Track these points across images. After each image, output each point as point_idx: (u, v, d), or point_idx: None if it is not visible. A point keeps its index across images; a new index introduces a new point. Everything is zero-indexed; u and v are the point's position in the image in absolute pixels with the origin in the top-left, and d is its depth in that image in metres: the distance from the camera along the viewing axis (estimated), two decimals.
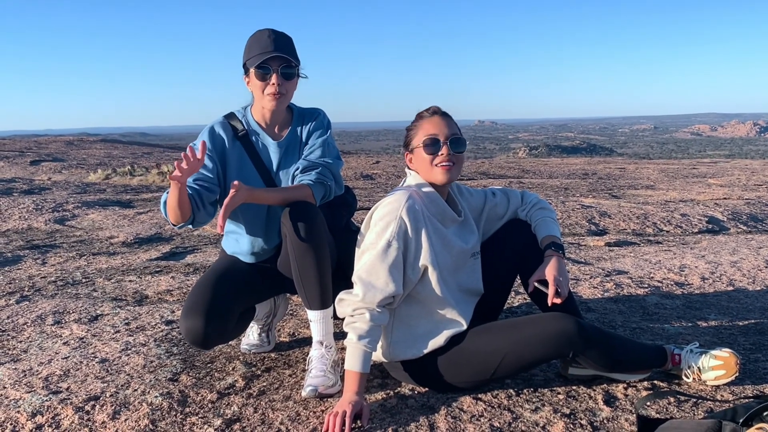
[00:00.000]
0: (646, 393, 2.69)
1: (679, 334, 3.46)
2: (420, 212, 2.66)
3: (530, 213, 2.96)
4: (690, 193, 10.60)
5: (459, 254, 2.77)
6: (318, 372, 2.79)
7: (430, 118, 2.73)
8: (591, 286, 4.40)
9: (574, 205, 8.42)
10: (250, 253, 3.04)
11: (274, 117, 3.01)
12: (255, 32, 2.94)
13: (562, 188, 11.59)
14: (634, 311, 3.87)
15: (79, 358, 3.25)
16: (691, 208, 8.50)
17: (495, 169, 17.09)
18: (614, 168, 17.71)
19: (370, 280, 2.58)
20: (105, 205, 9.32)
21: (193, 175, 2.87)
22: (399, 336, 2.73)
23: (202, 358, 3.20)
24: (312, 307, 2.84)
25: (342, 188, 3.09)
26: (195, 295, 2.81)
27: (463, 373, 2.68)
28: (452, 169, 2.69)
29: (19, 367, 3.17)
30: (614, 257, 5.58)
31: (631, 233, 7.19)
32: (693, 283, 4.54)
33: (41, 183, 12.99)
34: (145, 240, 6.84)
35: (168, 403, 2.71)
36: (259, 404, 2.70)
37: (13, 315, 4.06)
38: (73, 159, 19.61)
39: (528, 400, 2.67)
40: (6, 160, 18.43)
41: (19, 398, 2.79)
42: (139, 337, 3.53)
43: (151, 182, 13.85)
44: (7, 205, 8.83)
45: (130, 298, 4.42)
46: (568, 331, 2.53)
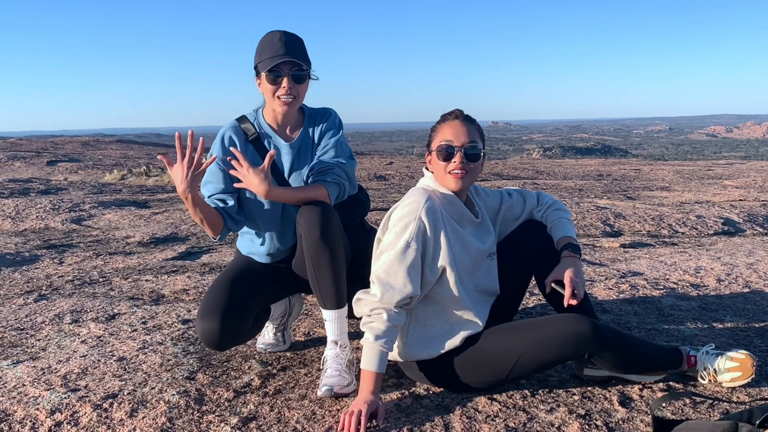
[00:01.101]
0: (661, 394, 2.69)
1: (695, 335, 3.45)
2: (439, 213, 2.66)
3: (546, 214, 2.97)
4: (705, 195, 10.54)
5: (476, 255, 2.77)
6: (333, 371, 2.80)
7: (450, 122, 2.72)
8: (606, 288, 4.39)
9: (588, 207, 8.39)
10: (265, 254, 3.06)
11: (286, 118, 3.03)
12: (266, 34, 2.95)
13: (577, 189, 11.55)
14: (650, 313, 3.86)
15: (97, 356, 3.28)
16: (707, 209, 8.45)
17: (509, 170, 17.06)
18: (629, 169, 17.63)
19: (388, 280, 2.59)
20: (121, 206, 9.38)
21: (208, 192, 2.94)
22: (415, 336, 2.73)
23: (219, 357, 3.23)
24: (327, 306, 2.85)
25: (356, 188, 3.10)
26: (211, 297, 2.83)
27: (479, 374, 2.68)
28: (464, 177, 2.69)
29: (37, 365, 3.20)
30: (629, 259, 5.56)
31: (647, 235, 7.16)
32: (709, 284, 4.52)
33: (58, 183, 13.10)
34: (161, 240, 6.89)
35: (185, 401, 2.74)
36: (275, 403, 2.72)
37: (31, 314, 4.10)
38: (89, 159, 19.73)
39: (543, 401, 2.67)
40: (23, 161, 18.57)
41: (39, 396, 2.83)
42: (156, 336, 3.56)
43: (167, 182, 13.92)
44: (24, 205, 8.90)
45: (147, 297, 4.45)
46: (583, 333, 2.53)
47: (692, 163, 22.10)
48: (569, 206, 8.32)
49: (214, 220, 2.88)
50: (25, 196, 10.36)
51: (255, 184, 2.76)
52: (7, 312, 4.18)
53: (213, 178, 2.96)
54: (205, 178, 2.97)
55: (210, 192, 2.95)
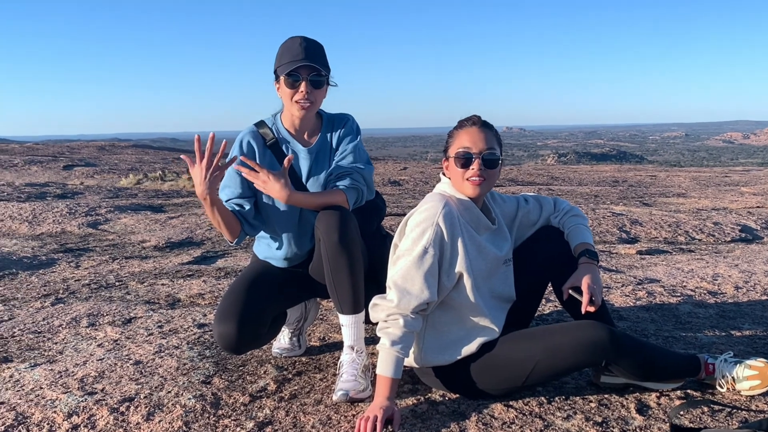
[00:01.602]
0: (679, 402, 2.67)
1: (713, 343, 3.42)
2: (456, 219, 2.66)
3: (563, 220, 2.95)
4: (722, 202, 10.48)
5: (493, 261, 2.76)
6: (349, 377, 2.80)
7: (468, 128, 2.70)
8: (623, 294, 4.37)
9: (604, 213, 8.36)
10: (282, 258, 3.07)
11: (304, 124, 3.04)
12: (287, 39, 2.97)
13: (592, 196, 11.51)
14: (667, 320, 3.84)
15: (114, 359, 3.30)
16: (724, 216, 8.40)
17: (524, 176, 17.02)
18: (645, 175, 17.55)
19: (405, 286, 2.59)
20: (137, 210, 9.44)
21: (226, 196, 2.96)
22: (431, 342, 2.73)
23: (234, 361, 3.23)
24: (344, 311, 2.85)
25: (373, 193, 3.11)
26: (228, 301, 2.84)
27: (495, 380, 2.67)
28: (482, 184, 2.68)
29: (55, 368, 3.22)
30: (646, 265, 5.53)
31: (663, 241, 7.12)
32: (726, 292, 4.49)
33: (74, 187, 13.19)
34: (177, 244, 6.92)
35: (201, 405, 2.74)
36: (291, 408, 2.72)
37: (48, 317, 4.13)
38: (105, 164, 19.86)
39: (560, 408, 2.66)
40: (40, 165, 18.72)
41: (56, 398, 2.84)
42: (172, 340, 3.57)
43: (182, 187, 13.99)
44: (41, 209, 8.97)
45: (163, 302, 4.47)
46: (600, 340, 2.52)
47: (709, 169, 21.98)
48: (585, 212, 8.29)
49: (231, 224, 2.91)
50: (42, 200, 10.44)
51: (276, 189, 2.77)
52: (24, 315, 4.21)
53: (230, 182, 2.97)
54: (223, 182, 2.99)
55: (228, 196, 2.96)
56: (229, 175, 2.97)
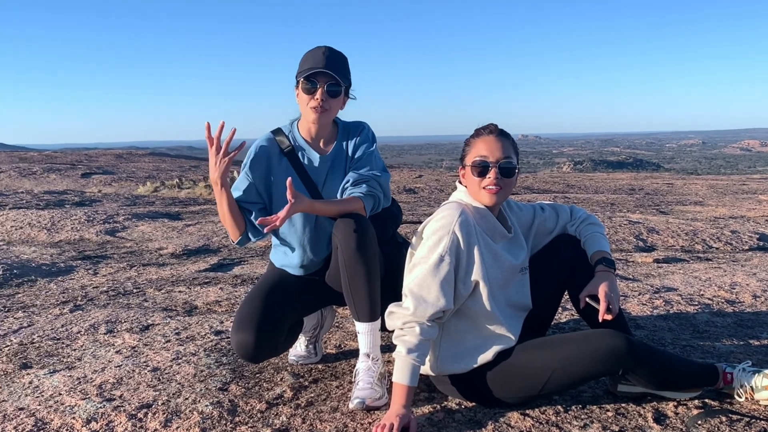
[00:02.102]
0: (697, 412, 2.65)
1: (731, 352, 3.40)
2: (472, 227, 2.66)
3: (579, 228, 2.95)
4: (740, 210, 10.40)
5: (509, 269, 2.77)
6: (365, 384, 2.80)
7: (485, 137, 2.71)
8: (640, 303, 4.35)
9: (621, 221, 8.32)
10: (299, 266, 3.08)
11: (320, 131, 3.06)
12: (312, 48, 3.00)
13: (609, 204, 11.47)
14: (684, 329, 3.82)
15: (132, 366, 3.32)
16: (742, 224, 8.34)
17: (539, 183, 16.98)
18: (661, 183, 17.46)
19: (421, 294, 2.60)
20: (154, 217, 9.50)
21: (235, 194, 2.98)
22: (447, 350, 2.73)
23: (251, 368, 3.25)
24: (361, 319, 2.86)
25: (389, 200, 3.12)
26: (245, 309, 2.86)
27: (511, 389, 2.67)
28: (499, 192, 2.68)
29: (73, 374, 3.25)
30: (663, 274, 5.50)
31: (680, 250, 7.08)
32: (744, 300, 4.45)
33: (92, 195, 13.29)
34: (194, 251, 6.96)
35: (218, 412, 2.76)
36: (307, 415, 2.73)
37: (67, 324, 4.17)
38: (122, 172, 20.01)
39: (576, 417, 2.65)
40: (58, 173, 18.89)
41: (75, 405, 2.87)
42: (190, 347, 3.59)
43: (199, 195, 14.07)
44: (59, 216, 9.05)
45: (180, 309, 4.50)
46: (618, 348, 2.51)
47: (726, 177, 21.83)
48: (601, 220, 8.25)
49: (237, 219, 2.95)
50: (61, 208, 10.53)
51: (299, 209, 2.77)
52: (43, 322, 4.25)
53: (240, 185, 3.01)
54: (234, 185, 3.02)
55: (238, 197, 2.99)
56: (240, 179, 3.00)
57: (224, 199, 2.88)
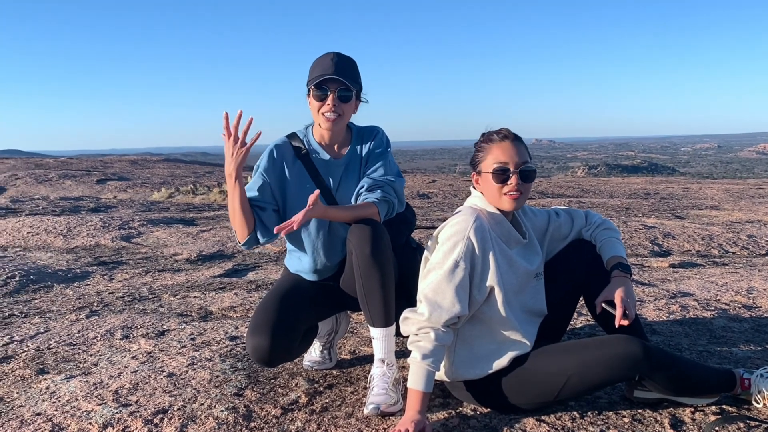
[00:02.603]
0: (714, 418, 2.63)
1: (748, 358, 3.37)
2: (487, 233, 2.66)
3: (595, 233, 2.94)
4: (757, 214, 10.32)
5: (524, 275, 2.76)
6: (380, 390, 2.80)
7: (500, 143, 2.69)
8: (656, 308, 4.32)
9: (636, 226, 8.28)
10: (312, 271, 3.08)
11: (334, 136, 3.06)
12: (321, 55, 3.01)
13: (624, 208, 11.41)
14: (701, 334, 3.79)
15: (147, 371, 3.34)
16: (758, 229, 8.28)
17: (553, 188, 16.93)
18: (677, 187, 17.36)
19: (436, 299, 2.59)
20: (169, 223, 9.55)
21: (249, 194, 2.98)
22: (462, 356, 2.72)
23: (266, 373, 3.25)
24: (376, 324, 2.86)
25: (404, 205, 3.12)
26: (261, 314, 2.86)
27: (527, 395, 2.66)
28: (519, 198, 2.68)
29: (90, 380, 3.27)
30: (679, 279, 5.47)
31: (696, 254, 7.04)
32: (762, 306, 4.42)
33: (107, 201, 13.38)
34: (208, 257, 6.99)
35: (233, 418, 2.76)
36: (322, 420, 2.73)
37: (83, 329, 4.19)
38: (137, 178, 20.13)
39: (592, 423, 2.63)
40: (73, 179, 19.02)
41: (91, 410, 2.88)
42: (205, 353, 3.60)
43: (213, 201, 14.13)
44: (75, 222, 9.11)
45: (195, 314, 4.51)
46: (634, 354, 2.49)
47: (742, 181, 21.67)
48: (616, 225, 8.22)
49: (248, 218, 2.93)
50: (76, 214, 10.60)
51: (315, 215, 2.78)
52: (60, 327, 4.28)
53: (254, 185, 3.01)
54: (248, 185, 3.02)
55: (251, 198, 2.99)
56: (255, 179, 3.01)
57: (237, 194, 2.88)
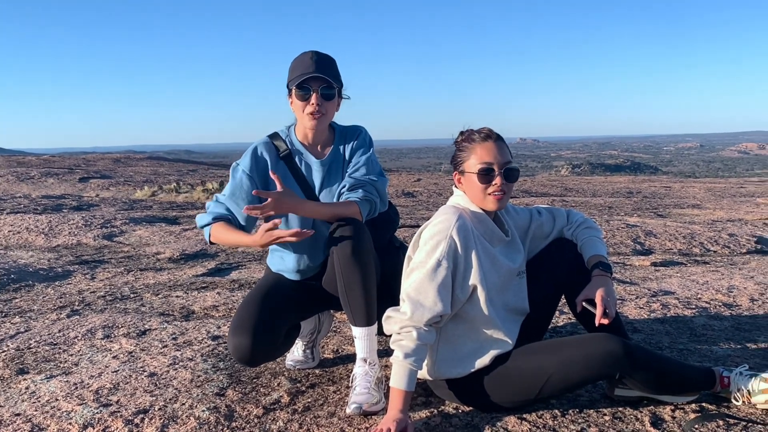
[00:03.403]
0: (694, 416, 2.65)
1: (728, 356, 3.40)
2: (470, 232, 2.66)
3: (576, 232, 2.95)
4: (738, 213, 10.41)
5: (506, 274, 2.76)
6: (362, 389, 2.80)
7: (484, 143, 2.69)
8: (637, 307, 4.35)
9: (618, 224, 8.33)
10: (295, 271, 3.08)
11: (317, 136, 3.06)
12: (300, 54, 3.01)
13: (606, 207, 11.48)
14: (682, 332, 3.82)
15: (128, 371, 3.32)
16: (739, 227, 8.35)
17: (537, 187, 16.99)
18: (659, 186, 17.48)
19: (418, 298, 2.59)
20: (152, 222, 9.50)
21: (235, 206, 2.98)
22: (444, 354, 2.73)
23: (248, 373, 3.24)
24: (357, 323, 2.86)
25: (386, 205, 3.12)
26: (242, 313, 2.85)
27: (508, 393, 2.67)
28: (503, 198, 2.69)
29: (70, 379, 3.24)
30: (660, 277, 5.50)
31: (678, 253, 7.09)
32: (742, 304, 4.46)
33: (90, 200, 13.29)
34: (191, 256, 6.95)
35: (215, 418, 2.75)
36: (304, 420, 2.72)
37: (64, 329, 4.16)
38: (120, 176, 20.01)
39: (573, 421, 2.64)
40: (56, 177, 18.88)
41: (71, 410, 2.86)
42: (187, 352, 3.59)
43: (197, 199, 14.07)
44: (57, 221, 9.04)
45: (177, 314, 4.49)
46: (614, 352, 2.51)
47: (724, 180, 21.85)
48: (599, 224, 8.26)
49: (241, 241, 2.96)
50: (58, 212, 10.52)
51: (287, 206, 2.78)
52: (40, 327, 4.25)
53: (241, 190, 2.99)
54: (232, 191, 3.00)
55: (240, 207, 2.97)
56: (239, 184, 2.99)
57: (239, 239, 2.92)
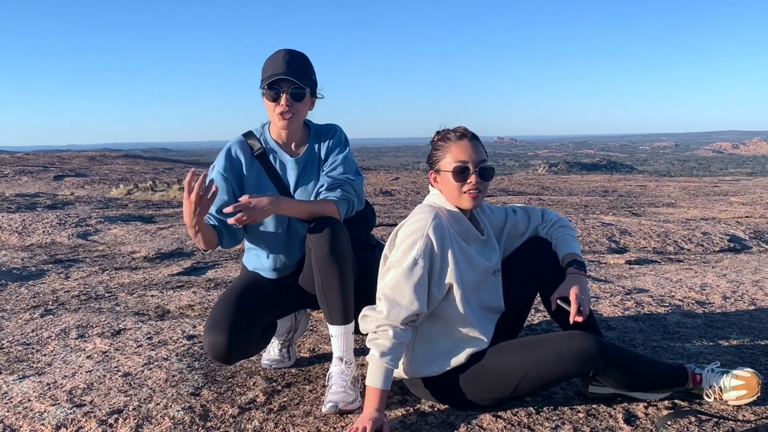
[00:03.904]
0: (666, 412, 2.68)
1: (701, 353, 3.44)
2: (446, 230, 2.67)
3: (551, 231, 2.97)
4: (711, 211, 10.53)
5: (482, 272, 2.78)
6: (338, 388, 2.80)
7: (459, 141, 2.70)
8: (611, 305, 4.38)
9: (594, 223, 8.39)
10: (271, 269, 3.07)
11: (290, 135, 3.05)
12: (273, 53, 2.99)
13: (582, 206, 11.56)
14: (655, 330, 3.85)
15: (103, 371, 3.29)
16: (713, 226, 8.44)
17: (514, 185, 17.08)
18: (635, 185, 17.64)
19: (395, 297, 2.60)
20: (127, 221, 9.42)
21: (213, 206, 2.90)
22: (420, 353, 2.74)
23: (224, 373, 3.23)
24: (334, 322, 2.86)
25: (363, 203, 3.12)
26: (218, 311, 2.84)
27: (484, 391, 2.68)
28: (478, 196, 2.70)
29: (43, 380, 3.21)
30: (635, 275, 5.55)
31: (652, 251, 7.15)
32: (714, 302, 4.51)
33: (64, 198, 13.16)
34: (167, 255, 6.91)
35: (190, 417, 2.74)
36: (280, 419, 2.72)
37: (37, 328, 4.12)
38: (95, 174, 19.82)
39: (548, 419, 2.66)
40: (30, 175, 18.66)
41: (44, 411, 2.83)
42: (161, 352, 3.56)
43: (173, 197, 13.97)
44: (31, 219, 8.94)
45: (152, 313, 4.46)
46: (588, 350, 2.53)
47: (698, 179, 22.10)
48: (575, 222, 8.32)
49: (210, 239, 2.88)
50: (32, 211, 10.41)
51: (263, 207, 2.74)
52: (13, 327, 4.20)
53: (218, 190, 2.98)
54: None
55: (217, 205, 2.94)
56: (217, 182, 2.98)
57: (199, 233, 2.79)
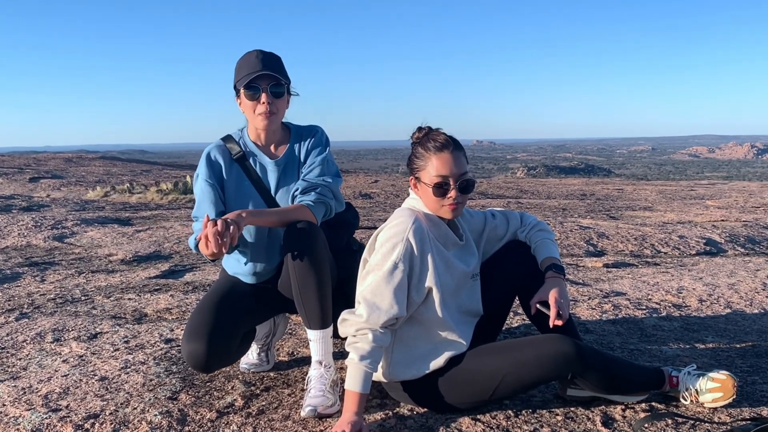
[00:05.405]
0: (644, 415, 2.70)
1: (677, 356, 3.47)
2: (426, 234, 2.67)
3: (529, 235, 2.98)
4: (688, 215, 10.62)
5: (460, 276, 2.78)
6: (317, 392, 2.79)
7: (440, 153, 2.66)
8: (589, 308, 4.41)
9: (572, 226, 8.44)
10: (251, 274, 3.05)
11: (270, 136, 3.04)
12: (244, 54, 2.98)
13: (560, 209, 11.62)
14: (632, 333, 3.88)
15: (79, 375, 3.26)
16: (689, 229, 8.52)
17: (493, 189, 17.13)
18: (612, 189, 17.76)
19: (374, 301, 2.59)
20: (104, 223, 9.33)
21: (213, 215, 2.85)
22: (399, 356, 2.73)
23: (202, 377, 3.21)
24: (312, 326, 2.84)
25: (343, 205, 3.11)
26: (197, 319, 2.81)
27: (462, 394, 2.68)
28: (458, 207, 2.70)
29: (18, 384, 3.17)
30: (612, 279, 5.59)
31: (629, 255, 7.21)
32: (691, 305, 4.55)
33: (40, 200, 13.01)
34: (144, 258, 6.86)
35: (167, 422, 2.72)
36: (258, 423, 2.71)
37: (12, 332, 4.07)
38: (72, 176, 19.63)
39: (526, 422, 2.67)
40: (5, 177, 18.45)
41: (19, 416, 2.80)
42: (139, 356, 3.53)
43: (150, 200, 13.87)
44: (6, 222, 8.84)
45: (130, 316, 4.42)
46: (566, 353, 2.54)
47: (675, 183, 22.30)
48: (553, 226, 8.36)
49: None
50: (7, 213, 10.29)
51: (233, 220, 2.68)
52: None
53: (206, 198, 2.95)
54: (199, 199, 2.96)
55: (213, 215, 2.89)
56: (203, 191, 2.95)
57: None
